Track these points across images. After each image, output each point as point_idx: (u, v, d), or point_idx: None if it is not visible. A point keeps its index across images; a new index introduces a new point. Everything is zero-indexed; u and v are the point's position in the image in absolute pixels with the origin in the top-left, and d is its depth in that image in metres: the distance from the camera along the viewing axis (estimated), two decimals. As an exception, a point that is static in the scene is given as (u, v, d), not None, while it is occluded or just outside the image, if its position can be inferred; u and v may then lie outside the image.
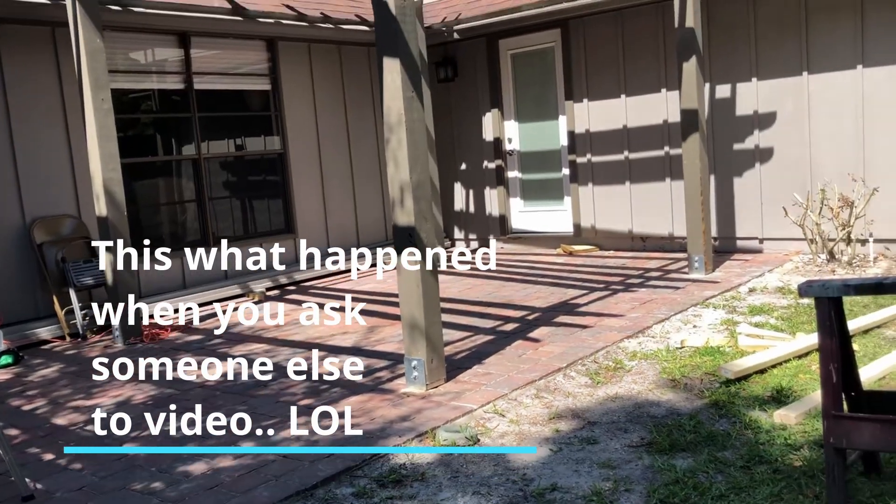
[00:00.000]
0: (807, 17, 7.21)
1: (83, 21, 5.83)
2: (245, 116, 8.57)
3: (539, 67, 9.31)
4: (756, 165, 7.69)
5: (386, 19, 4.17)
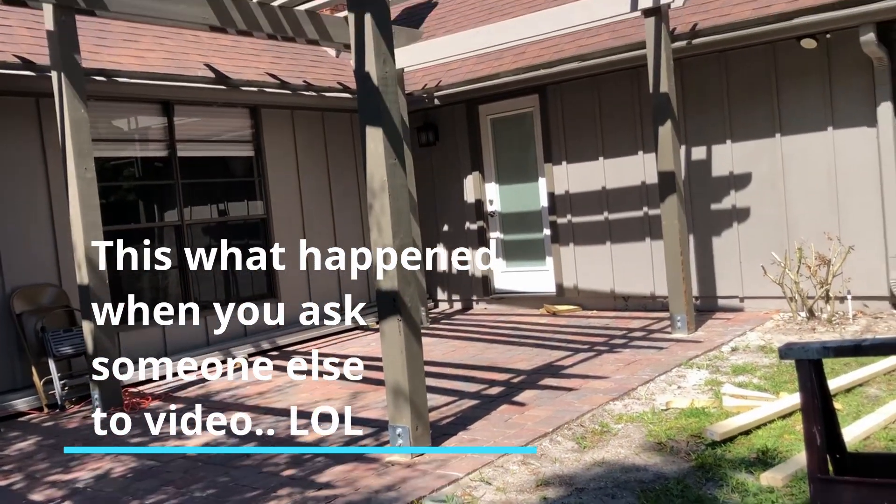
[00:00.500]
0: (777, 81, 7.43)
1: (68, 92, 5.90)
2: (228, 182, 8.62)
3: (518, 131, 9.48)
4: (734, 225, 7.81)
5: (368, 90, 4.26)
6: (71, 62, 5.88)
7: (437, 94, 9.41)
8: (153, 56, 7.64)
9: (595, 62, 8.01)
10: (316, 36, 7.75)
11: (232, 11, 6.88)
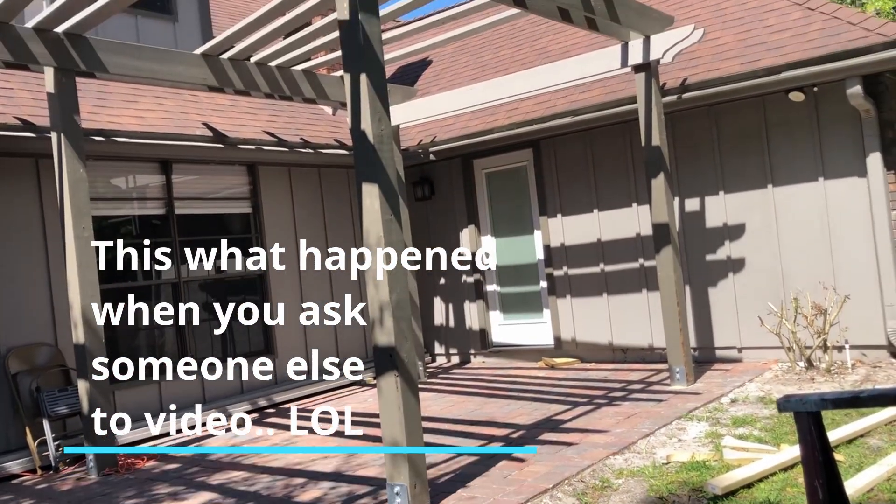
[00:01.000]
0: (767, 133, 7.54)
1: (67, 152, 5.96)
2: (226, 239, 8.65)
3: (513, 185, 9.57)
4: (729, 275, 7.84)
5: (364, 148, 4.32)
6: (71, 123, 5.96)
7: (432, 150, 9.52)
8: (152, 116, 7.75)
9: (587, 117, 8.13)
10: (313, 95, 7.88)
11: (230, 72, 7.01)
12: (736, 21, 8.00)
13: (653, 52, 6.83)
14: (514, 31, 10.79)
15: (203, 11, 9.16)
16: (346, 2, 4.24)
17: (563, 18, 6.38)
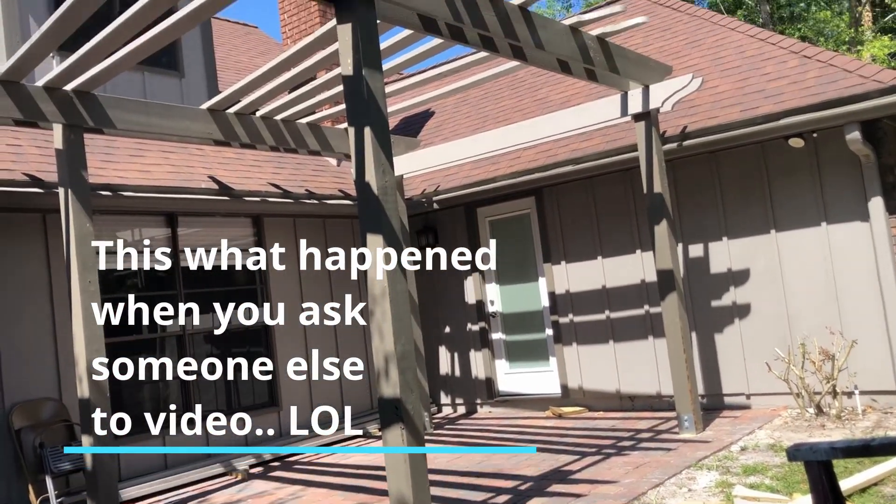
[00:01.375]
0: (769, 178, 7.59)
1: (74, 207, 6.01)
2: (231, 291, 8.67)
3: (517, 232, 9.61)
4: (735, 321, 7.81)
5: (369, 199, 4.36)
6: (78, 179, 6.02)
7: (435, 199, 9.58)
8: (158, 170, 7.84)
9: (589, 165, 8.20)
10: (317, 147, 7.97)
11: (236, 126, 7.11)
12: (734, 69, 8.12)
13: (652, 101, 6.93)
14: (515, 82, 10.95)
15: (209, 67, 9.32)
16: (351, 58, 4.32)
17: (563, 70, 6.48)
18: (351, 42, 4.32)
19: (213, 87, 9.32)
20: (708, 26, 9.33)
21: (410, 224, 9.69)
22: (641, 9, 10.67)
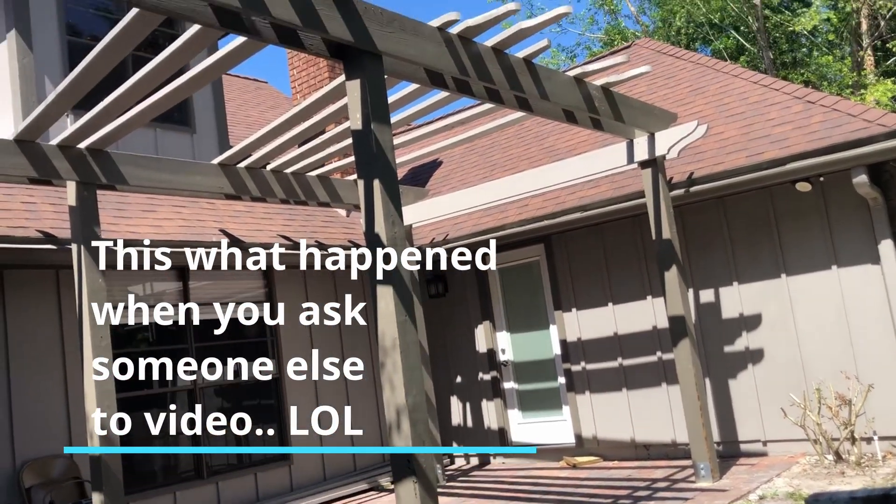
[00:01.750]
0: (777, 223, 7.60)
1: (87, 263, 6.06)
2: (241, 343, 8.67)
3: (526, 280, 9.61)
4: (749, 367, 7.73)
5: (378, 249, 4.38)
6: (91, 235, 6.09)
7: (445, 247, 9.61)
8: (170, 224, 7.92)
9: (597, 212, 8.22)
10: (327, 198, 8.04)
11: (247, 180, 7.20)
12: (738, 115, 8.19)
13: (658, 149, 6.98)
14: (522, 131, 11.06)
15: (220, 122, 9.47)
16: (359, 112, 4.39)
17: (569, 119, 6.56)
18: (360, 97, 4.39)
19: (224, 141, 9.46)
20: (711, 73, 9.44)
21: (420, 273, 9.71)
22: (645, 58, 10.82)
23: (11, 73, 7.74)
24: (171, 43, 4.65)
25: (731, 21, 24.19)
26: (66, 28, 8.20)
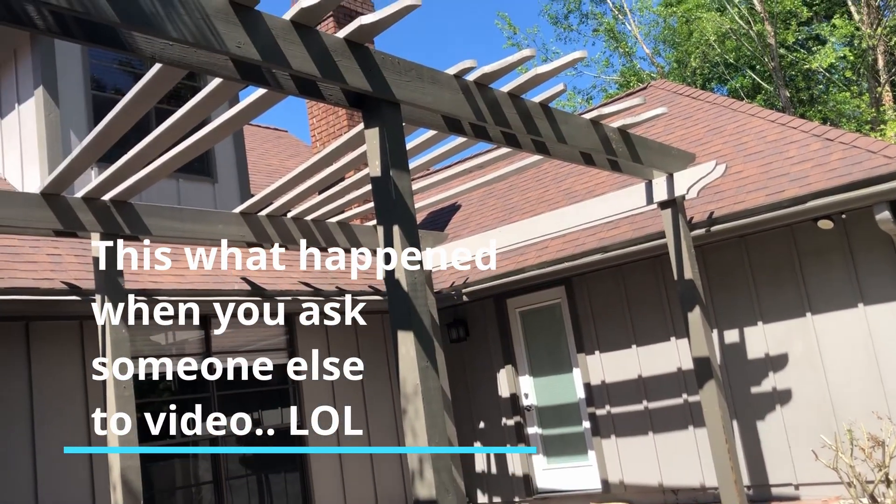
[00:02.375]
0: (800, 261, 7.52)
1: (110, 314, 6.11)
2: (263, 392, 8.66)
3: (548, 323, 9.55)
4: (777, 408, 7.59)
5: (399, 296, 4.38)
6: (114, 286, 6.14)
7: (465, 291, 9.60)
8: (192, 273, 7.98)
9: (617, 253, 8.19)
10: (347, 244, 8.09)
11: (268, 228, 7.26)
12: (757, 154, 8.18)
13: (677, 189, 6.97)
14: (540, 174, 11.11)
15: (241, 171, 9.60)
16: (378, 160, 4.44)
17: (587, 162, 6.58)
18: (378, 145, 4.44)
19: (246, 190, 9.58)
20: (728, 113, 9.46)
21: (440, 317, 9.69)
22: (661, 99, 10.88)
23: (39, 128, 7.92)
24: (193, 94, 4.76)
25: (746, 61, 24.32)
26: (90, 83, 8.40)
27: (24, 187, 8.06)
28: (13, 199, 5.71)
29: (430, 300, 8.84)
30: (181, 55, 3.85)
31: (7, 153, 8.41)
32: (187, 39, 3.51)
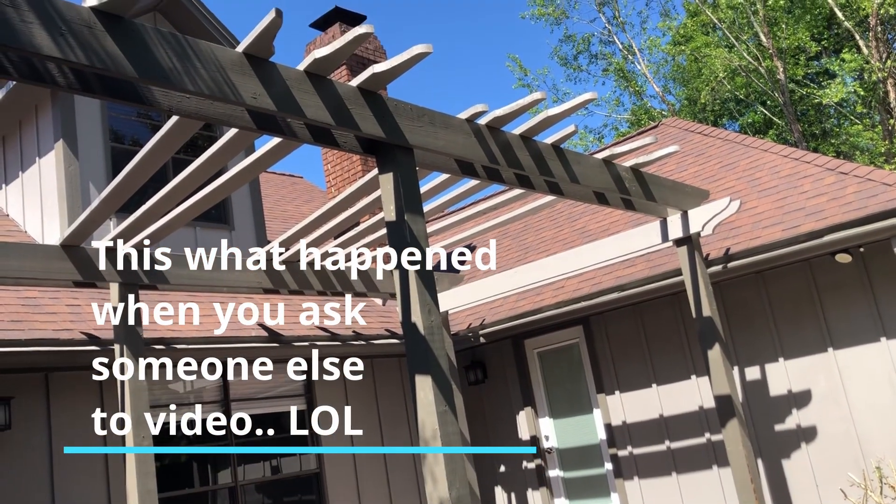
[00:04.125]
0: (819, 295, 7.45)
1: (128, 363, 6.14)
2: (281, 438, 8.61)
3: (567, 363, 9.48)
4: (802, 445, 7.46)
5: (416, 340, 4.38)
6: (133, 335, 6.18)
7: (482, 332, 9.57)
8: (210, 321, 8.01)
9: (634, 291, 8.16)
10: (363, 289, 8.11)
11: (285, 275, 7.30)
12: (771, 189, 8.17)
13: (692, 226, 6.96)
14: (554, 213, 11.14)
15: (257, 218, 9.69)
16: (393, 204, 4.47)
17: (600, 201, 6.60)
18: (393, 190, 4.48)
19: (262, 236, 9.65)
20: (741, 149, 9.48)
21: (458, 359, 9.65)
22: (672, 136, 10.93)
23: (59, 181, 8.06)
24: (209, 143, 4.85)
25: (757, 96, 24.42)
26: (108, 134, 8.55)
27: (45, 239, 8.17)
28: (34, 252, 5.80)
29: (447, 342, 8.82)
30: (198, 108, 3.93)
31: (28, 206, 8.54)
32: (204, 92, 3.58)
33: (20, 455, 6.57)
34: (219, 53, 3.69)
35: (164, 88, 3.65)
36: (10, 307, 6.87)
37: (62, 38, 3.13)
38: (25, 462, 6.59)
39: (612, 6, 27.31)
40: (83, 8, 3.26)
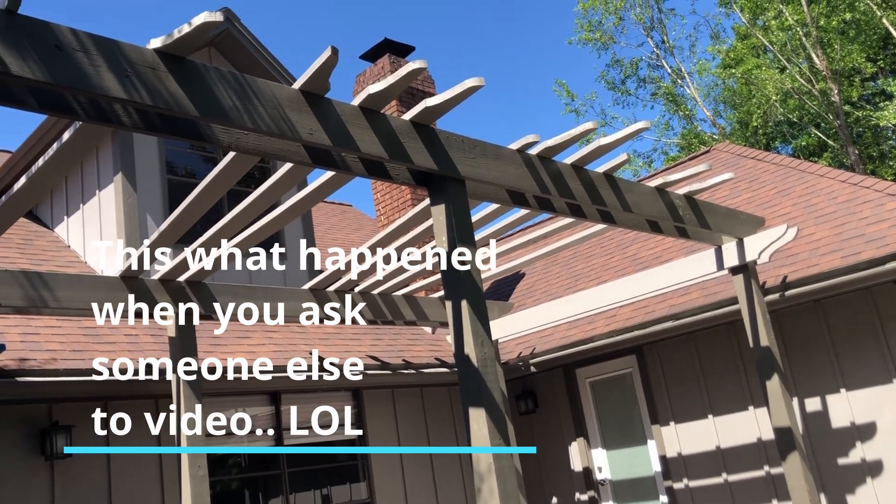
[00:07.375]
0: (882, 323, 7.23)
1: (185, 392, 6.24)
2: (333, 467, 8.62)
3: (619, 393, 9.34)
4: (868, 480, 7.20)
5: (469, 372, 4.36)
6: (188, 365, 6.28)
7: (532, 361, 9.48)
8: (262, 350, 8.10)
9: (689, 320, 8.01)
10: (413, 317, 8.12)
11: (336, 303, 7.35)
12: (828, 216, 7.98)
13: (748, 254, 6.83)
14: (604, 241, 11.04)
15: (309, 247, 9.80)
16: (445, 236, 4.48)
17: (653, 229, 6.52)
18: (445, 221, 4.49)
19: (313, 265, 9.75)
20: (795, 174, 9.30)
21: (508, 389, 9.58)
22: (724, 162, 10.78)
23: (118, 212, 8.28)
24: (262, 175, 4.93)
25: (811, 118, 23.98)
26: (165, 166, 8.77)
27: (104, 270, 8.38)
28: (95, 283, 5.95)
29: (498, 372, 8.76)
30: (256, 143, 4.01)
31: (89, 238, 8.78)
32: (262, 129, 3.65)
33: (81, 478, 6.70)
34: (276, 91, 3.77)
35: (224, 126, 3.73)
36: (72, 336, 7.04)
37: (128, 79, 3.23)
38: (85, 494, 6.71)
39: (660, 30, 27.20)
40: (147, 50, 3.36)
